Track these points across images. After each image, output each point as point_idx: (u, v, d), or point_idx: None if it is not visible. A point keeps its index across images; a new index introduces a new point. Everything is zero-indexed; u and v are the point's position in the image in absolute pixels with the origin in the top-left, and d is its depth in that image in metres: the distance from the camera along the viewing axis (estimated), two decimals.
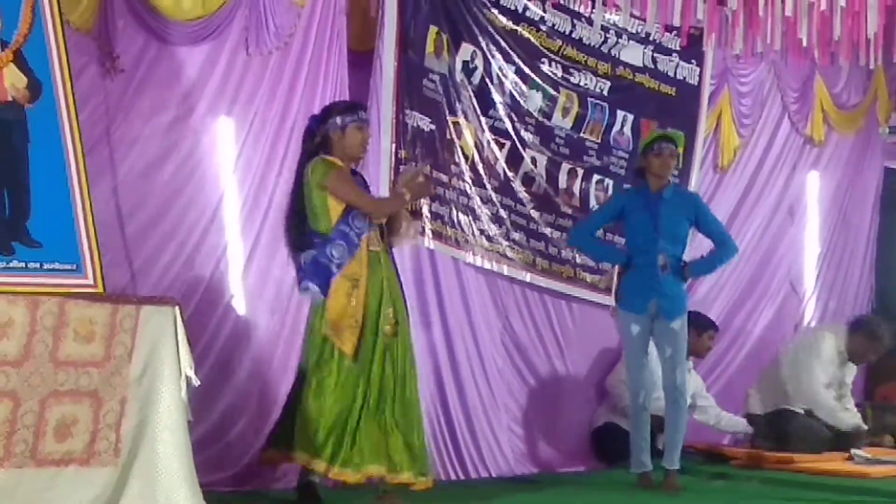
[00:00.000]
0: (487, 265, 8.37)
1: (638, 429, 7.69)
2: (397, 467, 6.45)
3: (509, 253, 8.57)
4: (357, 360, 6.47)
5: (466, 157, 8.33)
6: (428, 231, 7.99)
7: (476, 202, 8.37)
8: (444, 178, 8.18)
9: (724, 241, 7.87)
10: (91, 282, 5.79)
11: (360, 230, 6.56)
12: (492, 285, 8.53)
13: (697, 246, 8.40)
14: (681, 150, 8.04)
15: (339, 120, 6.65)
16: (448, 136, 8.21)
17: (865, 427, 9.37)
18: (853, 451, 8.88)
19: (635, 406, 7.69)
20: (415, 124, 7.95)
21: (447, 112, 8.20)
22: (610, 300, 8.85)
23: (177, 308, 5.82)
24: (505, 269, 8.53)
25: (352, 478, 6.40)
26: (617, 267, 8.12)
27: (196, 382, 5.82)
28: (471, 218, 8.30)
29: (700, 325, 9.13)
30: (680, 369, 7.57)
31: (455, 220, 8.21)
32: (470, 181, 8.34)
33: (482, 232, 8.39)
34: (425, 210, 7.95)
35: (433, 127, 8.09)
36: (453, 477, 7.99)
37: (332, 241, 6.54)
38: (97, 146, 6.76)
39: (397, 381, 6.53)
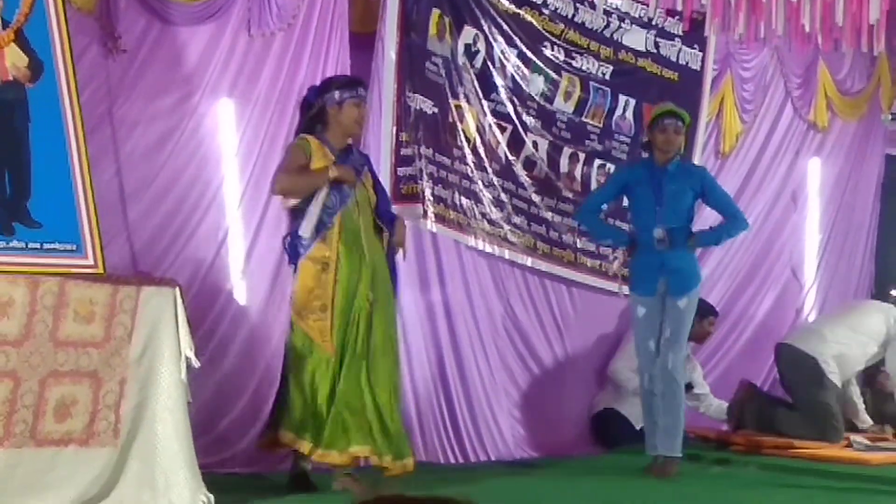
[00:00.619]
0: (489, 249, 8.37)
1: (647, 413, 7.65)
2: (380, 449, 6.43)
3: (510, 237, 8.57)
4: (331, 343, 6.41)
5: (468, 141, 8.32)
6: (430, 214, 7.99)
7: (478, 186, 8.36)
8: (447, 161, 8.17)
9: (733, 214, 7.76)
10: (91, 262, 5.80)
11: (331, 208, 6.47)
12: (493, 269, 8.53)
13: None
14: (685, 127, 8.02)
15: (336, 94, 6.59)
16: (450, 120, 8.20)
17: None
18: (852, 437, 8.87)
19: (643, 390, 7.65)
20: (417, 107, 7.94)
21: (449, 95, 8.19)
22: (612, 285, 8.83)
23: (177, 289, 5.83)
24: (506, 254, 8.52)
25: (338, 459, 6.37)
26: (623, 251, 8.03)
27: (196, 364, 5.84)
28: (473, 201, 8.30)
29: (701, 310, 9.10)
30: (675, 351, 7.46)
31: (457, 204, 8.21)
32: (472, 164, 8.33)
33: (484, 215, 8.38)
34: (428, 193, 7.94)
35: (436, 110, 8.08)
36: (453, 460, 8.00)
37: (303, 217, 6.46)
38: (99, 126, 6.78)
39: (373, 364, 6.46)
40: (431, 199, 7.98)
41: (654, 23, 9.38)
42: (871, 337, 9.20)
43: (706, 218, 8.35)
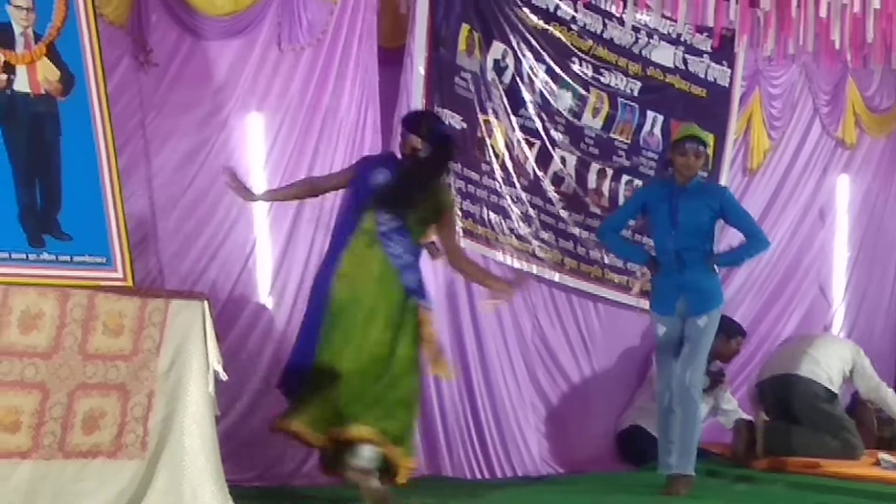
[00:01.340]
0: (517, 264, 8.36)
1: (663, 431, 7.64)
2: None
3: (538, 252, 8.56)
4: None
5: (497, 156, 8.32)
6: (459, 229, 7.98)
7: (507, 201, 8.36)
8: (475, 176, 8.18)
9: (754, 234, 7.73)
10: (120, 275, 5.83)
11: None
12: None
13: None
14: (710, 151, 8.00)
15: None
16: (479, 135, 8.21)
17: None
18: (880, 455, 8.82)
19: (661, 408, 7.64)
20: (446, 122, 7.94)
21: (478, 110, 8.20)
22: (637, 302, 8.85)
23: (205, 302, 5.85)
24: (534, 269, 8.51)
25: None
26: (647, 270, 8.03)
27: (224, 377, 5.86)
28: (501, 216, 8.30)
29: (729, 330, 9.12)
30: (693, 368, 7.43)
31: (486, 219, 8.21)
32: (500, 180, 8.33)
33: (512, 231, 8.38)
34: (457, 208, 7.94)
35: (464, 125, 8.09)
36: (479, 476, 7.99)
37: None
38: (130, 140, 6.83)
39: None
40: (460, 213, 7.97)
41: (682, 39, 9.36)
42: (843, 363, 9.23)
43: (734, 236, 8.32)
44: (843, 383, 9.25)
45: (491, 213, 8.23)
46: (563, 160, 8.75)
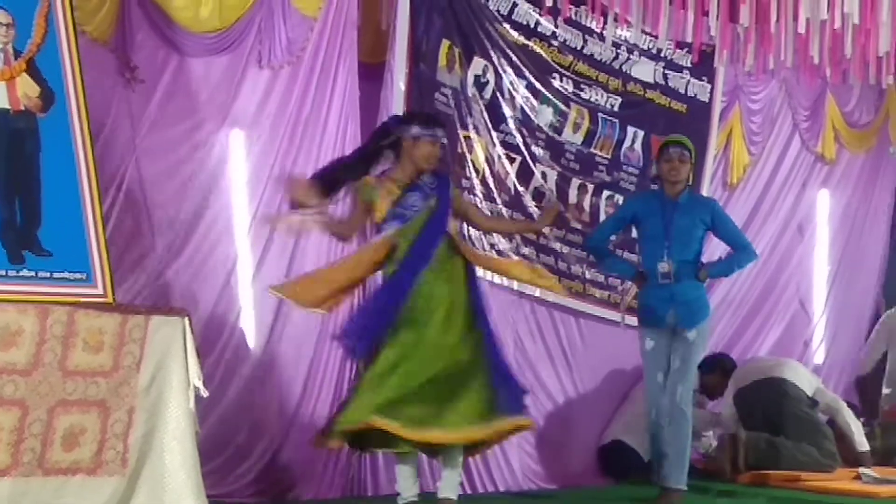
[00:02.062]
0: (497, 280, 8.35)
1: (655, 445, 7.66)
2: None
3: None
4: None
5: (477, 172, 8.33)
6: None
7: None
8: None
9: (743, 246, 7.78)
10: (101, 291, 5.81)
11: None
12: (502, 300, 8.51)
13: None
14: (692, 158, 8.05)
15: (415, 129, 6.67)
16: (459, 150, 8.21)
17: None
18: (861, 470, 8.84)
19: (651, 422, 7.65)
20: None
21: (458, 126, 8.21)
22: (621, 318, 8.86)
23: (186, 319, 5.85)
24: (515, 284, 8.51)
25: None
26: (631, 285, 8.04)
27: (204, 393, 5.86)
28: (481, 232, 8.29)
29: (725, 367, 9.21)
30: (683, 383, 7.46)
31: (465, 234, 8.20)
32: (481, 195, 8.34)
33: (492, 246, 8.38)
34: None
35: (445, 141, 8.08)
36: (460, 491, 7.97)
37: None
38: (110, 156, 6.79)
39: None
40: None
41: (662, 55, 9.39)
42: (809, 383, 9.30)
43: (714, 248, 8.35)
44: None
45: (471, 229, 8.23)
46: (544, 175, 8.77)
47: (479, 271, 6.92)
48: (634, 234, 8.25)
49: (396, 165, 6.70)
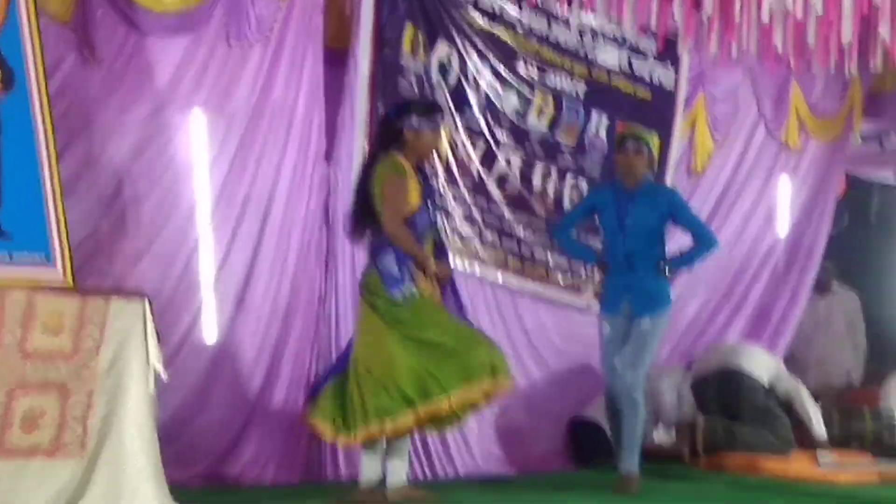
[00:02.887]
0: (460, 265, 8.36)
1: (614, 431, 7.71)
2: None
3: (481, 253, 8.58)
4: None
5: (440, 157, 8.32)
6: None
7: (449, 201, 8.37)
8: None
9: (702, 235, 7.80)
10: (61, 274, 5.79)
11: (421, 232, 6.67)
12: (463, 285, 8.51)
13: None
14: (655, 150, 8.07)
15: (415, 120, 6.66)
16: None
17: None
18: (819, 453, 8.90)
19: (608, 408, 7.70)
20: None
21: None
22: (582, 301, 8.90)
23: (146, 302, 5.83)
24: (477, 270, 8.53)
25: None
26: (597, 271, 8.06)
27: (164, 377, 5.84)
28: (444, 217, 8.30)
29: None
30: (635, 369, 7.50)
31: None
32: (444, 180, 8.34)
33: (455, 231, 8.39)
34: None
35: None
36: (421, 476, 7.99)
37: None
38: (73, 137, 6.77)
39: None
40: None
41: (627, 41, 9.41)
42: (768, 368, 9.36)
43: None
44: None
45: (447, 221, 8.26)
46: (508, 161, 8.78)
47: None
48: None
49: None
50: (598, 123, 9.29)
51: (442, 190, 8.29)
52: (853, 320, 10.62)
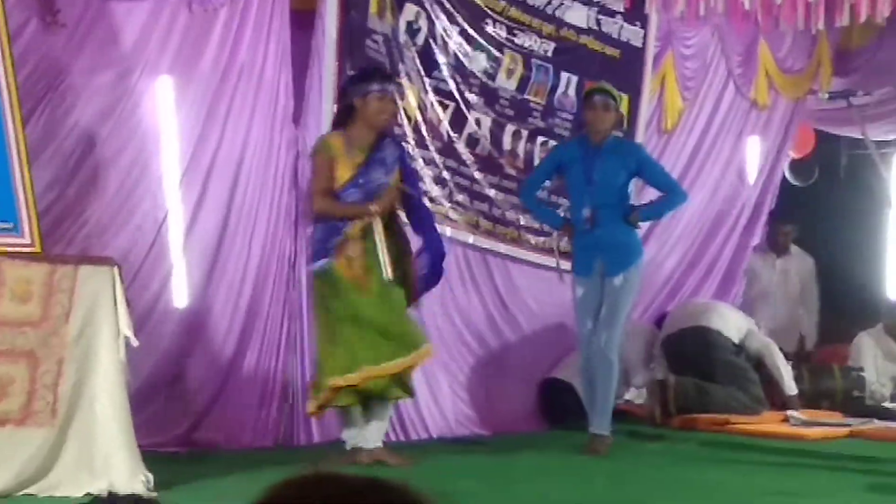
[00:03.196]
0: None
1: (586, 392, 7.72)
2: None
3: (452, 214, 8.57)
4: None
5: (409, 119, 8.30)
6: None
7: (419, 164, 8.35)
8: None
9: (671, 188, 7.81)
10: (28, 241, 5.77)
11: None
12: None
13: None
14: (623, 108, 8.04)
15: (361, 87, 6.74)
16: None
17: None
18: (789, 412, 8.95)
19: (583, 369, 7.71)
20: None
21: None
22: (557, 263, 8.89)
23: (115, 269, 5.81)
24: (448, 231, 8.51)
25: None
26: (561, 233, 8.02)
27: (135, 343, 5.82)
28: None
29: None
30: (610, 329, 7.51)
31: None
32: (413, 142, 8.31)
33: (425, 193, 8.37)
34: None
35: (395, 96, 8.05)
36: (393, 439, 8.00)
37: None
38: (38, 104, 6.72)
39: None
40: None
41: (595, 0, 9.38)
42: (739, 327, 9.42)
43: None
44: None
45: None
46: (478, 122, 8.75)
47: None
48: None
49: (353, 130, 6.75)
50: (568, 82, 9.27)
51: (412, 152, 8.27)
52: (808, 284, 10.63)
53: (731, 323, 9.36)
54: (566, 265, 7.93)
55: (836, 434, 8.50)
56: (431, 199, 8.38)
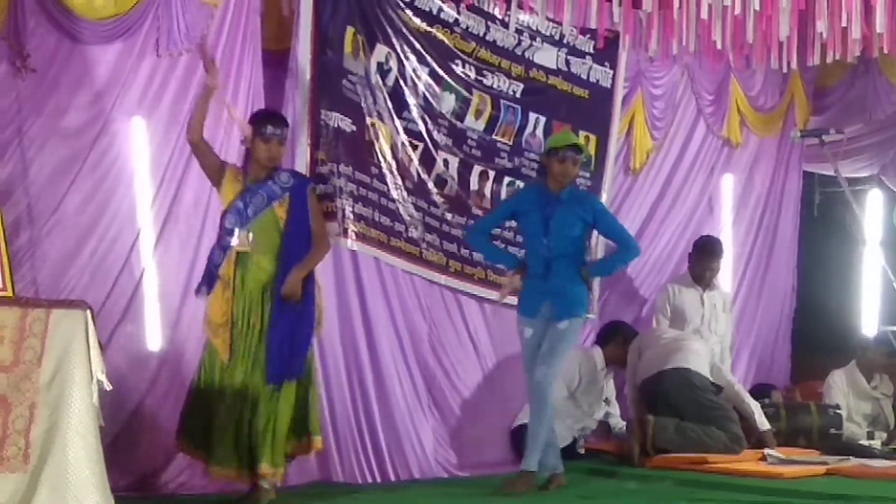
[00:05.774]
0: (407, 267, 8.33)
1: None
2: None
3: (426, 255, 8.53)
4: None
5: (384, 159, 8.27)
6: (350, 232, 7.94)
7: (398, 204, 8.32)
8: (366, 178, 8.12)
9: (625, 242, 7.86)
10: (0, 285, 5.69)
11: (229, 229, 6.84)
12: (415, 287, 8.49)
13: None
14: (592, 151, 8.06)
15: (251, 130, 6.93)
16: (367, 138, 8.15)
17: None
18: (766, 451, 8.93)
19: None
20: (335, 125, 7.90)
21: (366, 113, 8.14)
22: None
23: (88, 312, 5.76)
24: (423, 272, 8.49)
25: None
26: (516, 272, 7.99)
27: (108, 387, 5.76)
28: (391, 219, 8.26)
29: (627, 335, 9.30)
30: (548, 365, 7.50)
31: (378, 221, 8.16)
32: (390, 183, 8.29)
33: (401, 234, 8.35)
34: (348, 211, 7.90)
35: (354, 128, 8.03)
36: (370, 480, 7.94)
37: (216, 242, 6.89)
38: (8, 146, 6.69)
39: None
40: (352, 216, 7.94)
41: (565, 41, 9.39)
42: (708, 360, 9.41)
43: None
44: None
45: (383, 216, 8.19)
46: (446, 162, 8.74)
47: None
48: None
49: (248, 165, 7.00)
50: (536, 123, 9.26)
51: (389, 192, 8.26)
52: (727, 319, 10.59)
53: (704, 360, 9.35)
54: (511, 301, 7.94)
55: (814, 472, 8.47)
56: (409, 240, 8.36)
